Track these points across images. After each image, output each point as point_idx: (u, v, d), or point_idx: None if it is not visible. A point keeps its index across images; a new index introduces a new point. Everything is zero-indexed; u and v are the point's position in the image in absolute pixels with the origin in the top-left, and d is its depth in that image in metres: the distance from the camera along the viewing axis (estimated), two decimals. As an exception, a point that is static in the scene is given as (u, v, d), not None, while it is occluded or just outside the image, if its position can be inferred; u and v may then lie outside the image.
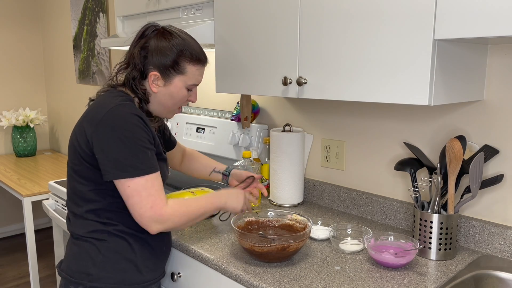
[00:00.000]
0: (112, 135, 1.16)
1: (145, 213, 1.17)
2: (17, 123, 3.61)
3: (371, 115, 1.66)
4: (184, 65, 1.30)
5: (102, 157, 1.18)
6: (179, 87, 1.31)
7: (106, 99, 1.25)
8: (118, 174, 1.17)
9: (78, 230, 1.29)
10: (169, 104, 1.34)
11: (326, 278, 1.21)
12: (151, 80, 1.29)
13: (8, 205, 4.00)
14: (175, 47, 1.28)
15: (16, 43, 3.90)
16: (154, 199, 1.17)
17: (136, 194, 1.17)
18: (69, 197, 1.32)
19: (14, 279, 3.24)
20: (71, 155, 1.27)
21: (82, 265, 1.26)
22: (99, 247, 1.26)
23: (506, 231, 1.33)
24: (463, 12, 1.02)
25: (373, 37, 1.19)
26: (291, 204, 1.82)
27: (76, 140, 1.25)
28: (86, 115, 1.25)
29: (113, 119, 1.18)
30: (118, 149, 1.16)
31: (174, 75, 1.30)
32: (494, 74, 1.34)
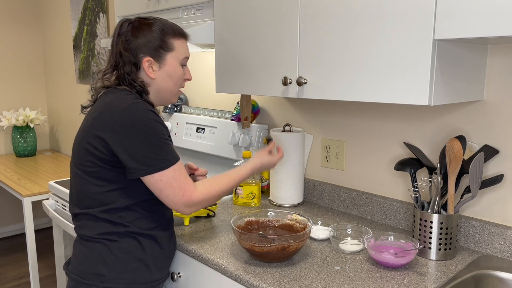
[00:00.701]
0: (133, 134, 1.18)
1: (179, 201, 1.23)
2: (17, 123, 3.61)
3: (371, 115, 1.66)
4: (170, 42, 1.32)
5: (127, 157, 1.19)
6: (174, 65, 1.33)
7: (115, 99, 1.24)
8: (149, 170, 1.19)
9: (88, 232, 1.28)
10: (170, 85, 1.35)
11: (326, 278, 1.21)
12: (146, 67, 1.30)
13: (8, 205, 4.00)
14: (156, 28, 1.31)
15: (16, 43, 3.90)
16: (184, 187, 1.23)
17: (168, 187, 1.21)
18: (79, 199, 1.30)
19: (14, 279, 3.24)
20: (82, 158, 1.25)
21: (93, 266, 1.26)
22: (111, 247, 1.26)
23: (506, 231, 1.33)
24: (463, 12, 1.02)
25: (373, 37, 1.19)
26: (291, 204, 1.82)
27: (88, 144, 1.23)
28: (96, 117, 1.23)
29: (131, 118, 1.19)
30: (143, 146, 1.18)
31: (165, 54, 1.31)
32: (494, 74, 1.34)
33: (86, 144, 1.24)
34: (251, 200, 1.80)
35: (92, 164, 1.24)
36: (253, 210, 1.48)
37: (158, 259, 1.33)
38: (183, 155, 2.44)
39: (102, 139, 1.20)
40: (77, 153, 1.28)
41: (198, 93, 2.44)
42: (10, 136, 3.91)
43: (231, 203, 1.86)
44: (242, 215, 1.44)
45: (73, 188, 1.32)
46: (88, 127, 1.25)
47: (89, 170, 1.25)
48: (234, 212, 1.74)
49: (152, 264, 1.31)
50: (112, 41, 1.34)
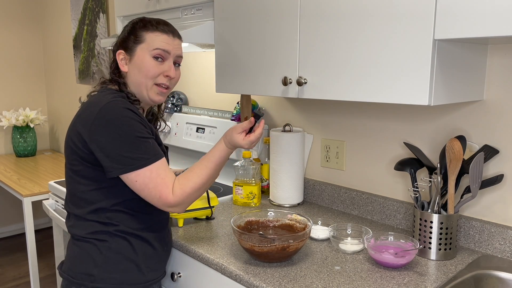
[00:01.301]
0: (108, 132, 1.16)
1: (157, 203, 1.21)
2: (17, 123, 3.61)
3: (371, 115, 1.66)
4: (141, 34, 1.29)
5: (102, 155, 1.18)
6: (142, 56, 1.28)
7: (97, 98, 1.25)
8: (123, 169, 1.17)
9: (79, 232, 1.28)
10: (140, 78, 1.29)
11: (326, 278, 1.21)
12: (120, 60, 1.31)
13: (8, 205, 4.00)
14: (131, 22, 1.34)
15: (16, 43, 3.90)
16: (160, 189, 1.18)
17: (144, 188, 1.18)
18: (69, 198, 1.31)
19: (14, 279, 3.24)
20: (69, 156, 1.27)
21: (83, 266, 1.26)
22: (100, 247, 1.26)
23: (506, 231, 1.33)
24: (463, 12, 1.02)
25: (373, 37, 1.19)
26: (291, 204, 1.82)
27: (71, 141, 1.24)
28: (79, 115, 1.24)
29: (106, 116, 1.17)
30: (118, 144, 1.16)
31: (135, 47, 1.29)
32: (494, 74, 1.34)
33: (70, 142, 1.24)
34: (251, 200, 1.80)
35: (76, 162, 1.24)
36: (253, 210, 1.48)
37: (150, 260, 1.32)
38: (183, 155, 2.45)
39: (81, 137, 1.20)
40: (66, 152, 1.29)
41: (198, 93, 2.44)
42: (10, 136, 3.91)
43: (231, 203, 1.86)
44: (242, 215, 1.44)
45: (66, 188, 1.33)
46: (71, 126, 1.25)
47: (75, 169, 1.25)
48: (234, 212, 1.74)
49: (143, 265, 1.30)
50: None
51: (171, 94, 2.48)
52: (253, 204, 1.81)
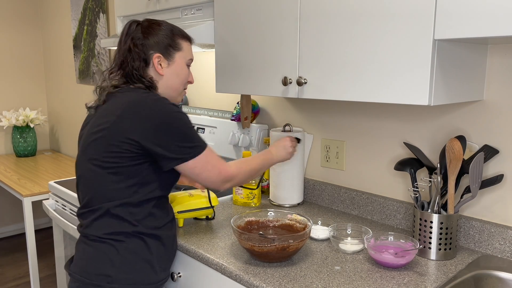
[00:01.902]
0: (165, 128, 1.22)
1: (216, 179, 1.32)
2: (17, 123, 3.61)
3: (371, 115, 1.66)
4: (179, 42, 1.38)
5: (162, 150, 1.22)
6: (181, 64, 1.39)
7: (137, 97, 1.26)
8: (184, 158, 1.25)
9: (95, 232, 1.28)
10: (177, 84, 1.40)
11: (326, 278, 1.21)
12: (156, 63, 1.34)
13: (8, 205, 4.00)
14: (166, 28, 1.37)
15: (17, 43, 3.90)
16: (218, 166, 1.31)
17: (204, 170, 1.29)
18: (90, 196, 1.29)
19: (14, 279, 3.24)
20: (99, 152, 1.25)
21: (99, 267, 1.26)
22: (118, 248, 1.26)
23: (506, 231, 1.33)
24: (463, 12, 1.02)
25: (373, 37, 1.19)
26: (291, 204, 1.82)
27: (111, 138, 1.23)
28: (122, 116, 1.23)
29: (159, 114, 1.23)
30: (176, 137, 1.23)
31: (174, 53, 1.37)
32: (494, 74, 1.34)
33: (110, 139, 1.23)
34: (251, 200, 1.80)
35: (111, 158, 1.24)
36: (253, 210, 1.48)
37: (163, 259, 1.34)
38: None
39: (132, 140, 1.21)
40: (93, 148, 1.27)
41: (198, 93, 2.44)
42: (10, 136, 3.91)
43: (231, 203, 1.86)
44: (242, 215, 1.44)
45: (84, 185, 1.31)
46: (111, 125, 1.24)
47: (106, 165, 1.25)
48: (234, 212, 1.74)
49: (157, 265, 1.31)
50: (120, 40, 1.37)
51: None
52: (253, 204, 1.81)
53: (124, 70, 1.34)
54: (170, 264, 1.39)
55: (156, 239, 1.31)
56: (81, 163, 1.32)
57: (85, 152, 1.30)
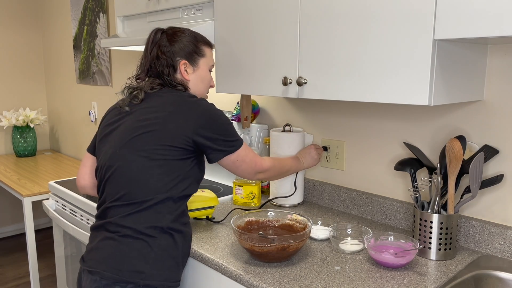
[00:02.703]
0: (213, 124, 1.33)
1: (252, 171, 1.44)
2: (17, 123, 3.61)
3: (371, 115, 1.66)
4: (202, 48, 1.48)
5: (210, 143, 1.33)
6: (205, 69, 1.49)
7: (183, 97, 1.36)
8: (228, 151, 1.36)
9: (133, 225, 1.27)
10: (202, 88, 1.49)
11: (326, 278, 1.21)
12: (183, 70, 1.43)
13: (8, 205, 4.00)
14: (190, 36, 1.46)
15: (17, 43, 3.90)
16: (255, 160, 1.43)
17: (242, 163, 1.40)
18: (132, 190, 1.29)
19: (14, 279, 3.24)
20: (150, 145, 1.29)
21: (133, 263, 1.25)
22: (151, 244, 1.27)
23: (506, 231, 1.33)
24: (463, 12, 1.02)
25: (373, 37, 1.19)
26: (291, 204, 1.82)
27: (165, 132, 1.30)
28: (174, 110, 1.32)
29: (207, 112, 1.33)
30: (222, 133, 1.34)
31: (198, 59, 1.46)
32: (494, 74, 1.34)
33: (165, 135, 1.29)
34: (251, 200, 1.80)
35: (161, 151, 1.29)
36: (253, 210, 1.48)
37: (186, 256, 1.37)
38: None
39: (185, 135, 1.30)
40: (142, 141, 1.30)
41: (198, 93, 2.44)
42: (10, 136, 3.91)
43: (231, 203, 1.86)
44: (242, 215, 1.44)
45: (121, 177, 1.31)
46: (164, 121, 1.31)
47: (156, 157, 1.29)
48: (234, 212, 1.74)
49: (181, 261, 1.34)
50: (146, 47, 1.46)
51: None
52: (253, 204, 1.81)
53: (154, 76, 1.43)
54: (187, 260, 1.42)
55: (182, 235, 1.34)
56: (122, 155, 1.31)
57: (128, 144, 1.31)
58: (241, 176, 1.45)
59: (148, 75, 1.45)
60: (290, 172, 1.60)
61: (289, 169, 1.59)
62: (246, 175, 1.45)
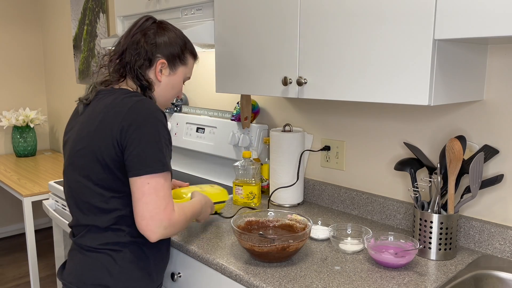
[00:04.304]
0: (140, 129, 1.13)
1: (158, 215, 1.13)
2: (17, 123, 3.61)
3: (371, 115, 1.66)
4: (187, 57, 1.36)
5: (128, 153, 1.13)
6: (180, 78, 1.36)
7: (117, 99, 1.20)
8: (143, 170, 1.12)
9: (91, 242, 1.23)
10: (169, 95, 1.36)
11: (326, 278, 1.21)
12: (158, 69, 1.30)
13: (8, 205, 4.00)
14: (180, 38, 1.34)
15: (16, 43, 3.90)
16: (168, 201, 1.15)
17: (153, 193, 1.12)
18: (82, 209, 1.24)
19: (14, 279, 3.24)
20: (88, 164, 1.19)
21: (97, 277, 1.21)
22: (116, 258, 1.22)
23: (506, 231, 1.33)
24: (463, 12, 1.02)
25: (373, 37, 1.19)
26: (291, 204, 1.82)
27: (97, 147, 1.17)
28: (103, 120, 1.18)
29: (139, 114, 1.15)
30: (146, 143, 1.13)
31: (179, 65, 1.34)
32: (494, 74, 1.34)
33: (96, 148, 1.17)
34: (251, 200, 1.80)
35: (100, 170, 1.18)
36: (253, 210, 1.48)
37: (159, 266, 1.31)
38: (183, 155, 2.44)
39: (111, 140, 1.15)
40: (81, 159, 1.21)
41: (198, 93, 2.44)
42: (10, 136, 3.91)
43: (231, 203, 1.86)
44: (242, 215, 1.44)
45: (74, 197, 1.26)
46: (94, 132, 1.19)
47: (95, 178, 1.19)
48: (234, 212, 1.74)
49: (153, 271, 1.29)
50: (130, 29, 1.30)
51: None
52: (253, 204, 1.81)
53: (125, 60, 1.27)
54: (165, 268, 1.38)
55: (153, 246, 1.28)
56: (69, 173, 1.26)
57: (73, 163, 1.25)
58: (141, 214, 1.12)
59: (120, 58, 1.28)
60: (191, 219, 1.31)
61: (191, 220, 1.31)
62: (147, 217, 1.11)
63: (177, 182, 1.62)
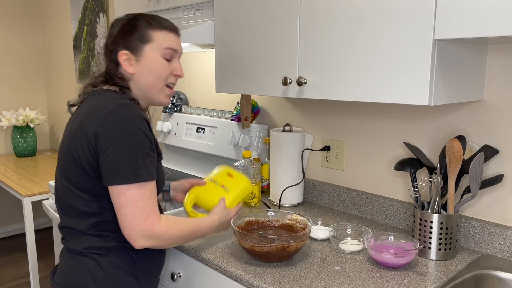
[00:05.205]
0: (114, 136, 1.08)
1: (137, 226, 1.09)
2: (17, 123, 3.61)
3: (371, 115, 1.66)
4: (148, 33, 1.21)
5: (102, 159, 1.10)
6: (153, 56, 1.22)
7: (102, 100, 1.16)
8: (116, 179, 1.08)
9: (75, 246, 1.20)
10: (151, 80, 1.23)
11: (326, 278, 1.21)
12: (123, 61, 1.21)
13: (8, 205, 4.00)
14: (134, 21, 1.23)
15: (17, 43, 3.90)
16: (149, 212, 1.10)
17: (131, 204, 1.09)
18: (65, 212, 1.22)
19: (14, 279, 3.24)
20: (68, 166, 1.17)
21: (81, 281, 1.18)
22: (100, 262, 1.18)
23: (506, 231, 1.33)
24: (463, 12, 1.02)
25: (373, 37, 1.19)
26: (291, 204, 1.82)
27: (74, 149, 1.14)
28: (83, 121, 1.14)
29: (116, 120, 1.10)
30: (121, 153, 1.08)
31: (142, 46, 1.21)
32: (494, 74, 1.34)
33: (73, 150, 1.15)
34: (251, 200, 1.81)
35: (77, 173, 1.15)
36: (253, 210, 1.48)
37: (149, 271, 1.27)
38: (183, 155, 2.44)
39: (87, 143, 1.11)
40: (63, 161, 1.19)
41: (198, 93, 2.44)
42: (10, 136, 3.91)
43: (231, 203, 1.86)
44: (242, 215, 1.44)
45: (61, 201, 1.23)
46: (73, 133, 1.16)
47: (75, 180, 1.16)
48: (234, 212, 1.74)
49: (142, 277, 1.24)
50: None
51: (171, 94, 2.48)
52: (253, 204, 1.81)
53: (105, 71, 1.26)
54: (158, 273, 1.33)
55: (141, 251, 1.23)
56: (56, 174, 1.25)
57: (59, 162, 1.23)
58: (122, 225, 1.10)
59: None
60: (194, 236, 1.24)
61: (193, 238, 1.24)
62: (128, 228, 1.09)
63: (194, 181, 1.50)
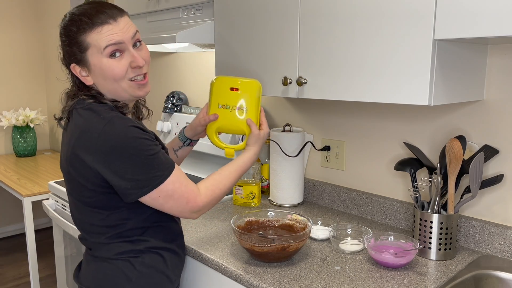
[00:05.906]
0: (117, 157, 1.07)
1: (184, 210, 1.17)
2: (17, 123, 3.61)
3: (371, 115, 1.66)
4: (81, 40, 1.11)
5: (116, 179, 1.08)
6: (98, 62, 1.12)
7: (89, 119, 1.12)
8: (142, 191, 1.10)
9: (105, 254, 1.21)
10: (111, 85, 1.15)
11: (326, 278, 1.21)
12: (78, 74, 1.17)
13: (8, 205, 4.00)
14: (66, 29, 1.13)
15: (16, 43, 3.90)
16: (186, 195, 1.15)
17: (169, 200, 1.13)
18: (84, 229, 1.23)
19: (14, 279, 3.24)
20: (74, 188, 1.17)
21: (116, 283, 1.19)
22: (134, 263, 1.20)
23: (506, 231, 1.33)
24: (463, 12, 1.02)
25: (373, 37, 1.19)
26: (291, 204, 1.82)
27: (75, 172, 1.14)
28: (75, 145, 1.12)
29: (110, 141, 1.07)
30: (131, 168, 1.08)
31: (84, 56, 1.13)
32: (494, 74, 1.34)
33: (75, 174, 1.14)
34: (251, 200, 1.80)
35: (88, 194, 1.15)
36: (253, 210, 1.48)
37: (177, 268, 1.30)
38: (183, 155, 2.44)
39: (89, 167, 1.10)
40: (69, 183, 1.19)
41: (198, 93, 2.44)
42: (10, 136, 3.91)
43: (231, 203, 1.86)
44: (242, 215, 1.44)
45: (76, 218, 1.24)
46: (70, 155, 1.14)
47: (87, 201, 1.16)
48: (234, 212, 1.74)
49: (172, 275, 1.27)
50: None
51: (171, 94, 2.48)
52: (253, 204, 1.81)
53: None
54: (182, 269, 1.35)
55: (170, 250, 1.26)
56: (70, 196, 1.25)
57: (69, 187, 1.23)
58: (172, 213, 1.18)
59: None
60: (239, 177, 1.29)
61: (237, 178, 1.28)
62: (178, 214, 1.17)
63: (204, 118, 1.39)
